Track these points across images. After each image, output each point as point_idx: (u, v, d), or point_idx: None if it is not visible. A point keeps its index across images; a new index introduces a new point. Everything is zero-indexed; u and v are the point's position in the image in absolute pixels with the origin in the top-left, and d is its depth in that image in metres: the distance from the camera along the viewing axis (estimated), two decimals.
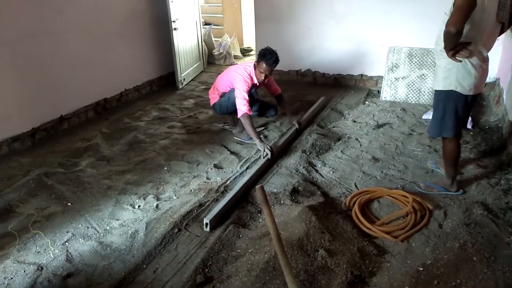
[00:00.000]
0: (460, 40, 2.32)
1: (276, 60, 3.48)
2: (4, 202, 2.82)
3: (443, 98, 2.60)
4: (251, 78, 3.59)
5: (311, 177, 3.13)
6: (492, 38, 2.47)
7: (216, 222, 2.54)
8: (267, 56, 3.45)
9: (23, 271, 2.19)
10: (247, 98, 3.51)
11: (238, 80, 3.55)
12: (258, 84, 3.67)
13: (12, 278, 2.14)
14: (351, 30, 5.28)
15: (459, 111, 2.59)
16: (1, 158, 3.51)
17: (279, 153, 3.52)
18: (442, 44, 2.40)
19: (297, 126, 3.93)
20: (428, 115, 4.22)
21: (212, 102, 3.95)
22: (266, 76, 3.57)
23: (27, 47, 3.69)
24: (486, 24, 2.36)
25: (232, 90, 3.61)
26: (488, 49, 2.50)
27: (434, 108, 2.71)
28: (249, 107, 3.51)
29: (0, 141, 3.54)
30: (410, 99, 4.82)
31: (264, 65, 3.47)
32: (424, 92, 4.75)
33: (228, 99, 3.68)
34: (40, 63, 3.85)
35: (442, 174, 3.04)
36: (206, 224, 2.49)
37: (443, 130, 2.66)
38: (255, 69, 3.59)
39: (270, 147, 3.39)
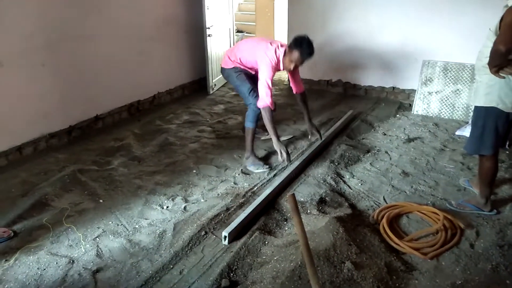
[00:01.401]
0: None
1: (311, 52, 3.16)
2: (40, 195, 2.95)
3: (483, 114, 2.53)
4: (278, 62, 3.28)
5: (339, 188, 3.11)
6: None
7: (235, 236, 2.49)
8: (304, 45, 3.12)
9: (55, 263, 2.27)
10: (271, 87, 3.23)
11: (265, 63, 3.23)
12: (281, 70, 3.38)
13: (45, 269, 2.22)
14: (384, 42, 5.23)
15: (499, 128, 2.52)
16: (39, 153, 3.67)
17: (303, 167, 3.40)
18: (484, 60, 2.34)
19: (317, 136, 3.75)
20: (462, 131, 4.12)
21: (224, 65, 3.61)
22: (296, 67, 3.30)
23: (68, 48, 3.85)
24: None
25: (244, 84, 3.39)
26: None
27: (473, 125, 2.65)
28: (272, 100, 3.23)
29: (39, 137, 3.70)
30: (443, 114, 4.71)
31: (298, 54, 3.15)
32: (458, 107, 4.63)
33: (238, 85, 3.48)
34: (79, 64, 4.00)
35: (474, 192, 2.95)
36: (225, 237, 2.43)
37: (481, 147, 2.59)
38: (284, 55, 3.26)
39: (286, 149, 3.24)
